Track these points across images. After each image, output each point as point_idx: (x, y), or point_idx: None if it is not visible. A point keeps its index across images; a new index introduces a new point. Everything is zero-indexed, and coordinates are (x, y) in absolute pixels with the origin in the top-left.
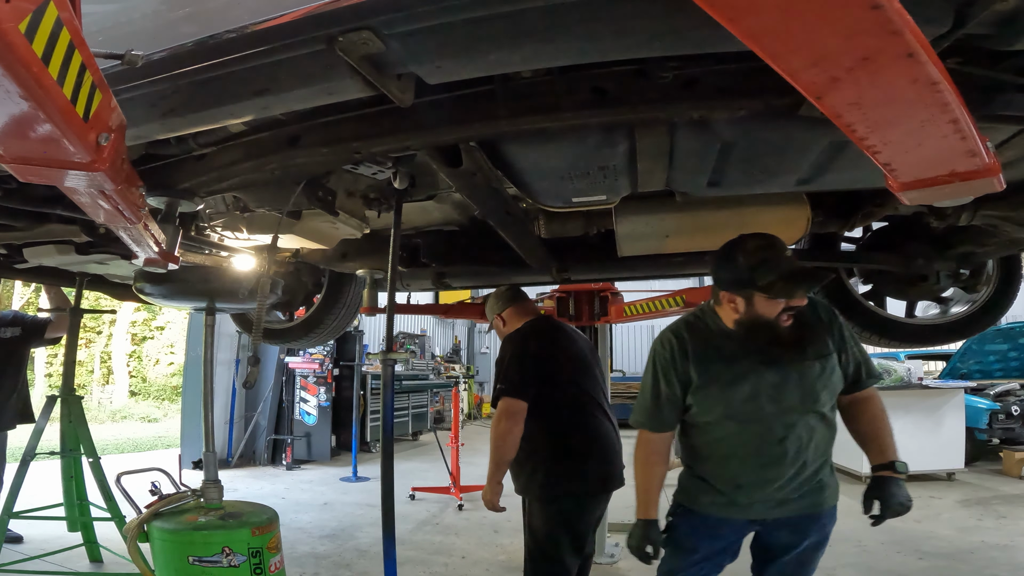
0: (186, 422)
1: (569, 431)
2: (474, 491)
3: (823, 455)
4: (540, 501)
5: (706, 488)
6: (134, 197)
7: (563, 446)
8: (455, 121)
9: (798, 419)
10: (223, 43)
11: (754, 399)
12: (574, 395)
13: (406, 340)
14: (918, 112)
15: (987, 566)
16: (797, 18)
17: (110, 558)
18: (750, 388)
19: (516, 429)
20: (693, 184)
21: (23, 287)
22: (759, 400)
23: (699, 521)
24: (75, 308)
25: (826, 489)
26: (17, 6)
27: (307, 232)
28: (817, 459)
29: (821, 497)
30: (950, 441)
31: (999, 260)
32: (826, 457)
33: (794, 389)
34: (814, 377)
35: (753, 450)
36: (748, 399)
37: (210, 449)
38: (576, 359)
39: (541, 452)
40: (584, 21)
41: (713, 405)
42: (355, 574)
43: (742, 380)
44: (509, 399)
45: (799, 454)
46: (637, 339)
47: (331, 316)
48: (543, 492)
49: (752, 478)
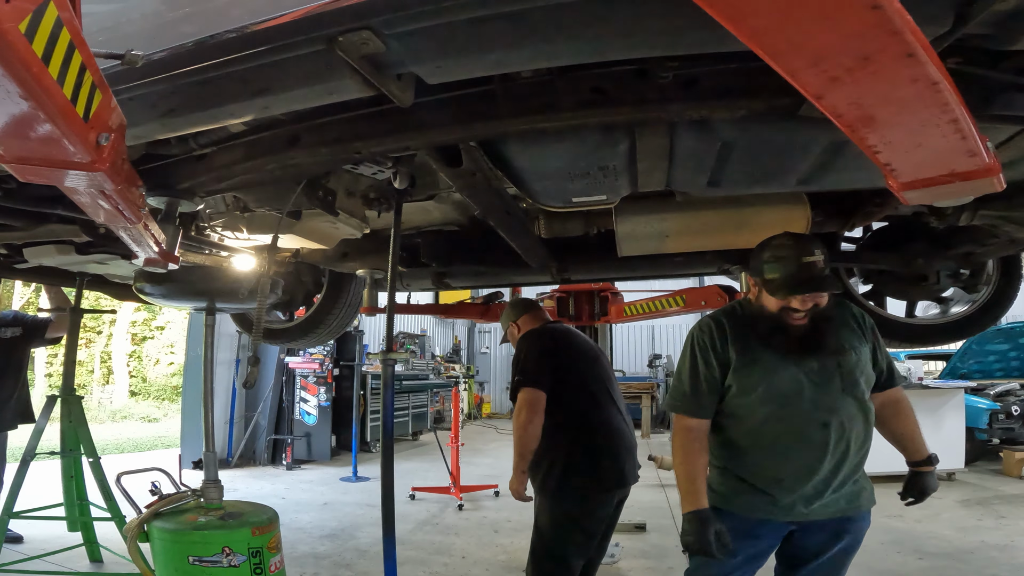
0: (186, 422)
1: (583, 427)
2: (474, 491)
3: (862, 447)
4: (548, 496)
5: (744, 488)
6: (134, 197)
7: (576, 442)
8: (455, 121)
9: (840, 403)
10: (223, 43)
11: (795, 380)
12: (589, 392)
13: (406, 340)
14: (918, 112)
15: (987, 566)
16: (797, 18)
17: (110, 558)
18: (793, 368)
19: (537, 419)
20: (693, 184)
21: (23, 287)
22: (801, 381)
23: (737, 523)
24: (75, 308)
25: (864, 491)
26: (17, 6)
27: (307, 232)
28: (859, 451)
29: (859, 500)
30: (950, 441)
31: (999, 260)
32: (866, 451)
33: (834, 373)
34: (852, 364)
35: (796, 435)
36: (791, 379)
37: (210, 449)
38: (589, 358)
39: (554, 448)
40: (584, 21)
41: (755, 384)
42: (355, 574)
43: (784, 360)
44: (529, 389)
45: (841, 441)
46: (637, 339)
47: (331, 316)
48: (551, 487)
49: (794, 468)
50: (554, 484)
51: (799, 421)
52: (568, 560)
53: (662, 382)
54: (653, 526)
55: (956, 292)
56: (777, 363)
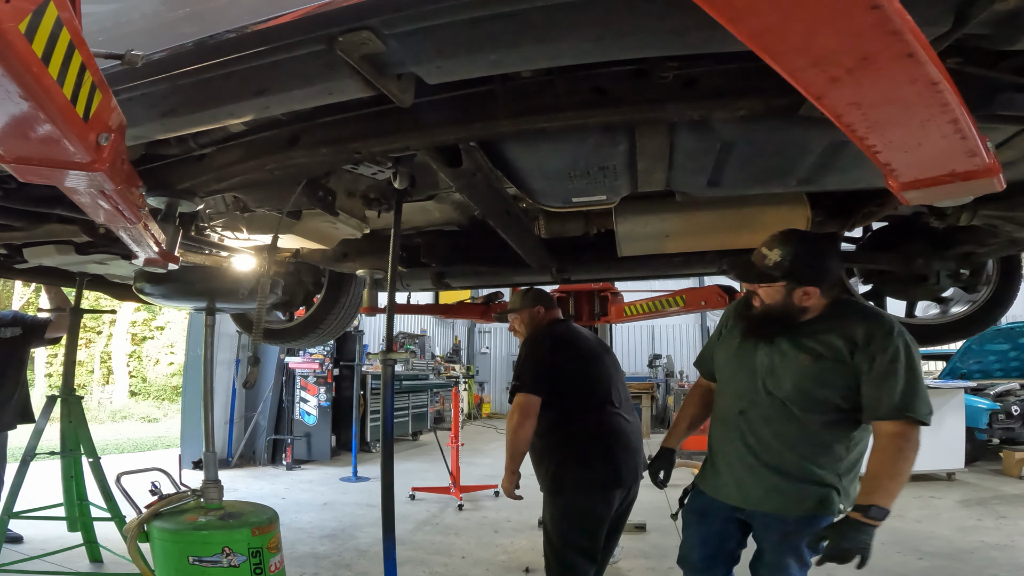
0: (186, 422)
1: (582, 427)
2: (474, 491)
3: (793, 450)
4: (549, 493)
5: (706, 463)
6: (134, 197)
7: (572, 442)
8: (455, 121)
9: (764, 400)
10: (223, 43)
11: (734, 362)
12: (588, 393)
13: (406, 340)
14: (918, 112)
15: (987, 566)
16: (797, 18)
17: (110, 558)
18: (739, 353)
19: (528, 423)
20: (693, 184)
21: (23, 287)
22: (736, 366)
23: (698, 498)
24: (75, 308)
25: (786, 495)
26: (17, 6)
27: (307, 232)
28: (786, 451)
29: (781, 501)
30: (950, 441)
31: (999, 260)
32: (802, 455)
33: (771, 371)
34: (796, 370)
35: (723, 417)
36: (732, 361)
37: (210, 449)
38: (591, 358)
39: (552, 448)
40: (584, 21)
41: (717, 359)
42: (355, 574)
43: (739, 346)
44: (522, 395)
45: (750, 435)
46: (637, 339)
47: (331, 316)
48: (552, 484)
49: (723, 450)
50: (554, 484)
51: (726, 403)
52: (573, 560)
53: (662, 382)
54: (653, 526)
55: (956, 292)
56: (732, 344)
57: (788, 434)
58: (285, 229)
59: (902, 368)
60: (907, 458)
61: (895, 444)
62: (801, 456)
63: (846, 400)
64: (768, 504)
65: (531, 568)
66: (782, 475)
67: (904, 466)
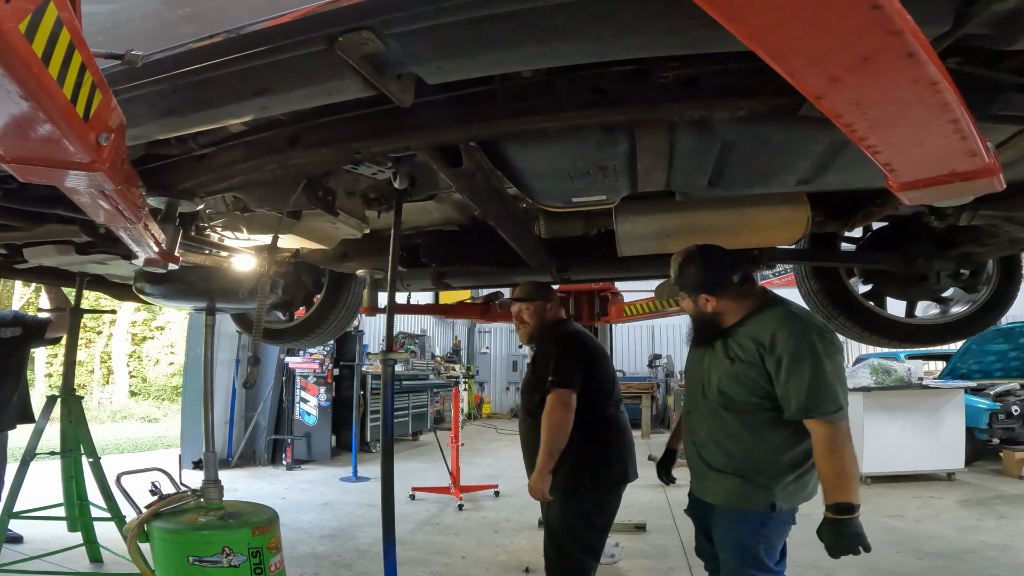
0: (186, 422)
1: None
2: (474, 491)
3: (719, 446)
4: (563, 492)
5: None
6: (134, 197)
7: (594, 440)
8: (455, 121)
9: (701, 401)
10: (223, 43)
11: (689, 366)
12: (604, 392)
13: (406, 340)
14: (918, 112)
15: (987, 566)
16: (797, 18)
17: (110, 558)
18: (691, 359)
19: (571, 419)
20: (693, 184)
21: (23, 287)
22: (690, 369)
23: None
24: (75, 308)
25: (724, 490)
26: (17, 6)
27: (307, 232)
28: (712, 451)
29: (720, 496)
30: (950, 441)
31: (999, 260)
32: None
33: (708, 374)
34: (721, 373)
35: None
36: (688, 365)
37: (210, 449)
38: (605, 359)
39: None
40: (584, 21)
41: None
42: (355, 574)
43: (692, 353)
44: (563, 390)
45: (696, 434)
46: (637, 339)
47: (331, 316)
48: (567, 483)
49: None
50: (570, 482)
51: (683, 406)
52: (580, 558)
53: (662, 382)
54: (653, 526)
55: (956, 292)
56: (691, 351)
57: (718, 434)
58: (285, 229)
59: (806, 367)
60: (839, 452)
61: (822, 444)
62: (728, 454)
63: (766, 400)
64: (712, 498)
65: (531, 568)
66: (718, 472)
67: (840, 461)
